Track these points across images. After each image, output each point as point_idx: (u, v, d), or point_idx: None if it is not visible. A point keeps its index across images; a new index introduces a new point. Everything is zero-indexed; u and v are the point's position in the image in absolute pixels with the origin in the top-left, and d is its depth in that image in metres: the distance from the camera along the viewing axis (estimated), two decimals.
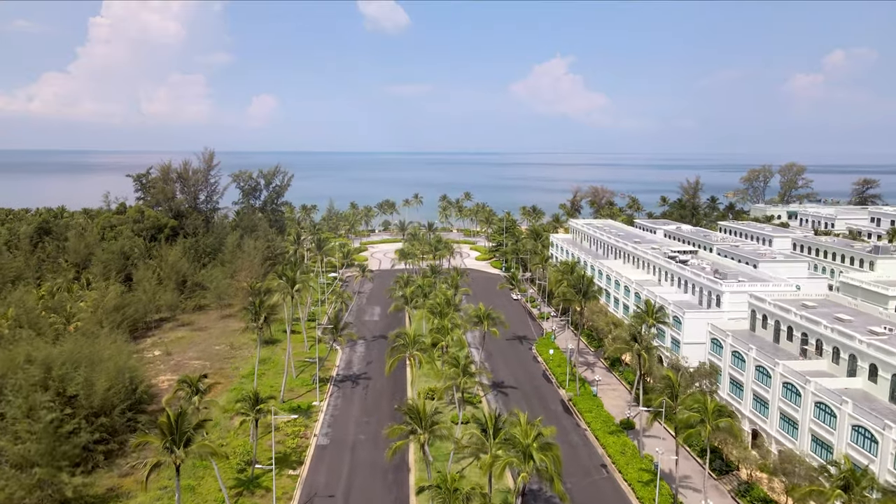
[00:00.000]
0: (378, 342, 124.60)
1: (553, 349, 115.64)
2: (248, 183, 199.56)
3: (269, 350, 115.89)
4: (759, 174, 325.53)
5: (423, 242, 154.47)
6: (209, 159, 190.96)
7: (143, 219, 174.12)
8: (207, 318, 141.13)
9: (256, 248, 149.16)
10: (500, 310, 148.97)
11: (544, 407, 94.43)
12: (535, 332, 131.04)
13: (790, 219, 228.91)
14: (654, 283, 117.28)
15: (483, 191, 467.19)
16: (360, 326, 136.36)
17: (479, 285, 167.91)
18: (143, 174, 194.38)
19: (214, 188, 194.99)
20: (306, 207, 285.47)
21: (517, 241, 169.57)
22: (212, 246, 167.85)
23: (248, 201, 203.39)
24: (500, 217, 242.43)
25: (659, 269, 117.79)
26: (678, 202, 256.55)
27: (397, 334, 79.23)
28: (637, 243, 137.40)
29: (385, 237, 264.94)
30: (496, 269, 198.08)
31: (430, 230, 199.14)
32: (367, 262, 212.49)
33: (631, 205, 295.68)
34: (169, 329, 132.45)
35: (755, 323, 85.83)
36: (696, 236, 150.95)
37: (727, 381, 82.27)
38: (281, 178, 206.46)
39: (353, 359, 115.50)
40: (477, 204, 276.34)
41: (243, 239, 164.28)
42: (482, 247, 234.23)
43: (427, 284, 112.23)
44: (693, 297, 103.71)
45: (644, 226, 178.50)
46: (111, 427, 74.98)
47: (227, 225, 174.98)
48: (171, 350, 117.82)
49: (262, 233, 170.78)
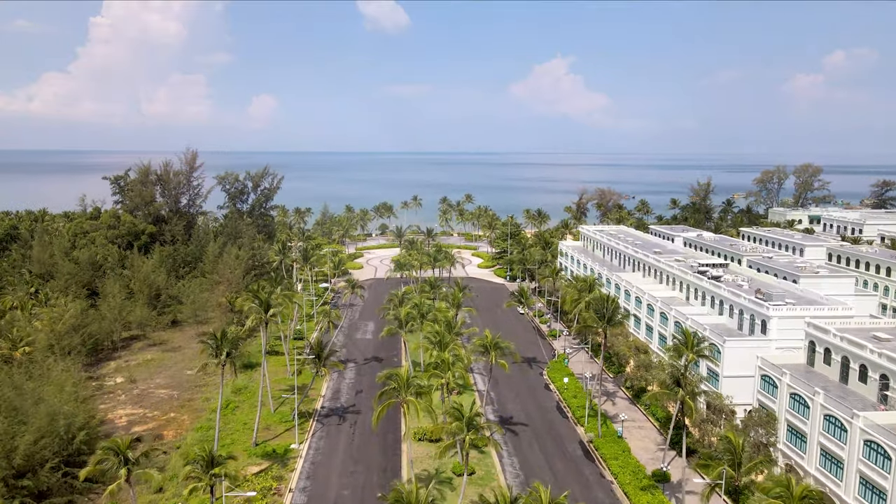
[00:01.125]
0: (370, 366, 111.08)
1: (568, 376, 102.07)
2: (234, 185, 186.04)
3: (246, 377, 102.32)
4: (773, 175, 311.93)
5: (422, 253, 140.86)
6: (191, 160, 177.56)
7: (118, 225, 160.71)
8: (182, 335, 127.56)
9: (238, 258, 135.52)
10: (506, 325, 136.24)
11: (561, 450, 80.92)
12: (545, 354, 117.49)
13: (812, 223, 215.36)
14: (681, 302, 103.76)
15: (484, 192, 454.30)
16: (350, 347, 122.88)
17: (482, 297, 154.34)
18: (120, 176, 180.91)
19: (198, 191, 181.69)
20: (300, 211, 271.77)
21: (523, 249, 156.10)
22: (192, 255, 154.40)
23: (234, 205, 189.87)
24: (503, 221, 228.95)
25: (687, 286, 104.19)
26: (692, 206, 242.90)
27: (388, 375, 65.77)
28: (658, 254, 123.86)
29: (382, 242, 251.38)
30: (500, 277, 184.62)
31: (429, 236, 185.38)
32: (363, 268, 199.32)
33: (640, 208, 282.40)
34: (138, 349, 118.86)
35: (814, 357, 72.24)
36: (721, 245, 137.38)
37: (784, 429, 68.67)
38: (270, 180, 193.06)
39: (341, 387, 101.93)
40: (479, 207, 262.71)
41: (226, 247, 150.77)
42: (485, 253, 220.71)
43: (424, 304, 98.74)
44: (731, 320, 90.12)
45: (660, 232, 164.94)
46: (38, 490, 61.34)
47: (209, 231, 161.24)
48: (135, 376, 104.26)
49: (247, 240, 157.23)
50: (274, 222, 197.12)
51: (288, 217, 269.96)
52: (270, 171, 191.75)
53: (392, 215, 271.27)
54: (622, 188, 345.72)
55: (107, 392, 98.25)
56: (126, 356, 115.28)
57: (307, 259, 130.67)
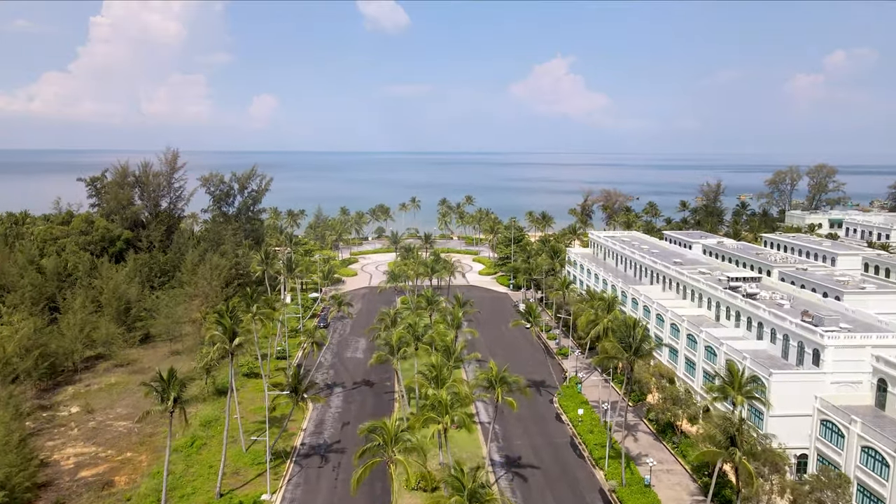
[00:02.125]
0: (360, 392, 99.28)
1: (582, 405, 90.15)
2: (219, 187, 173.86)
3: (218, 405, 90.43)
4: (786, 176, 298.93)
5: (418, 262, 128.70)
6: (172, 160, 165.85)
7: (91, 230, 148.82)
8: (154, 354, 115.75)
9: (217, 269, 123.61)
10: (511, 342, 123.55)
11: (578, 501, 69.06)
12: (555, 377, 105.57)
13: (832, 228, 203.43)
14: (710, 322, 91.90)
15: (484, 192, 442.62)
16: (339, 367, 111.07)
17: (484, 308, 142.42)
18: (96, 177, 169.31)
19: (179, 193, 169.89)
20: (293, 213, 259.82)
21: (529, 256, 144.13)
22: (170, 263, 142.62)
23: (219, 208, 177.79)
24: (505, 224, 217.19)
25: (717, 304, 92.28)
26: (704, 208, 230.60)
27: (370, 429, 53.94)
28: (679, 265, 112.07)
29: (378, 246, 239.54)
30: (503, 285, 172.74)
31: (427, 242, 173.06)
32: (356, 276, 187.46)
33: (648, 210, 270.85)
34: (102, 371, 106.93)
35: (885, 398, 60.35)
36: (746, 254, 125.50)
37: (855, 490, 56.70)
38: (258, 181, 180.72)
39: (325, 417, 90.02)
40: (479, 210, 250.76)
41: (207, 255, 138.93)
42: (486, 258, 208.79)
43: (420, 324, 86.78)
44: (773, 346, 78.29)
45: (676, 239, 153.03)
46: None
47: (189, 237, 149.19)
48: (94, 405, 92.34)
49: (229, 247, 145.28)
50: (262, 227, 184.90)
51: (280, 219, 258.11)
52: (258, 172, 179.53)
53: (389, 218, 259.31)
54: (623, 188, 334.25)
55: (58, 425, 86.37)
56: (88, 379, 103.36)
57: (291, 270, 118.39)
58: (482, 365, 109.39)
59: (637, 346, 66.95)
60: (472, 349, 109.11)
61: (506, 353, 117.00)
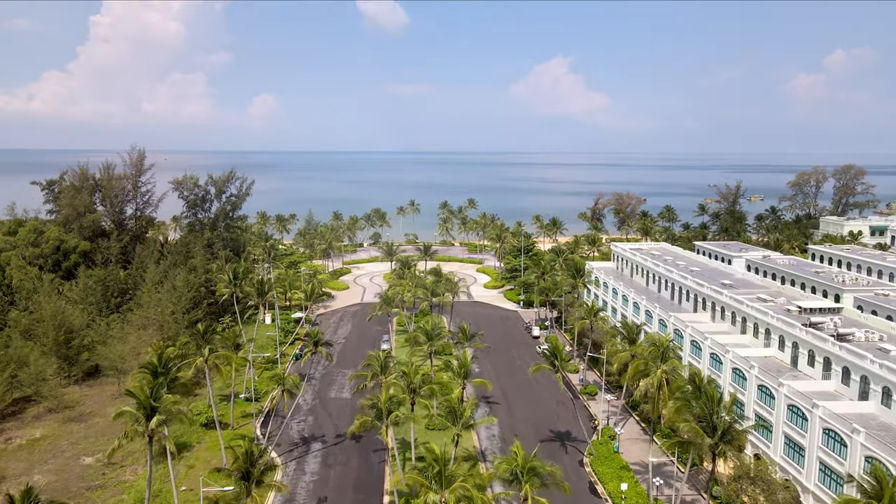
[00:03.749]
0: (344, 449, 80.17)
1: (621, 472, 71.08)
2: (193, 192, 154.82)
3: (165, 470, 71.38)
4: (811, 178, 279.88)
5: (417, 285, 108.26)
6: (138, 161, 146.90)
7: (40, 241, 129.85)
8: (101, 393, 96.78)
9: (176, 290, 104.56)
10: (525, 376, 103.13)
11: None
12: (583, 425, 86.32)
13: (873, 235, 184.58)
14: (786, 368, 72.73)
15: (486, 193, 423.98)
16: (320, 412, 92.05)
17: (491, 330, 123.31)
18: (54, 180, 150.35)
19: (147, 199, 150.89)
20: (282, 218, 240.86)
21: (543, 272, 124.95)
22: (132, 280, 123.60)
23: (194, 215, 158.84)
24: (512, 231, 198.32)
25: (794, 344, 73.07)
26: (730, 213, 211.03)
27: None
28: (730, 287, 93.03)
29: (374, 254, 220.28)
30: (511, 301, 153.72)
31: (427, 254, 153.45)
32: (349, 289, 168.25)
33: (664, 214, 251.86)
34: (30, 419, 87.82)
35: None
36: (802, 273, 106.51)
37: None
38: (238, 185, 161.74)
39: (297, 489, 70.85)
40: (483, 215, 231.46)
41: (172, 271, 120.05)
42: (491, 269, 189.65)
43: (417, 373, 67.64)
44: (889, 411, 59.13)
45: (711, 251, 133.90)
46: None
47: (153, 250, 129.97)
48: (6, 471, 73.34)
49: (199, 262, 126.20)
50: (243, 235, 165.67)
51: (269, 224, 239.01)
52: (238, 175, 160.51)
53: (385, 224, 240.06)
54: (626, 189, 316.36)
55: None
56: (10, 431, 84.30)
57: (263, 294, 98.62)
58: (491, 408, 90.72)
59: (726, 430, 47.79)
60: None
61: (520, 392, 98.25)
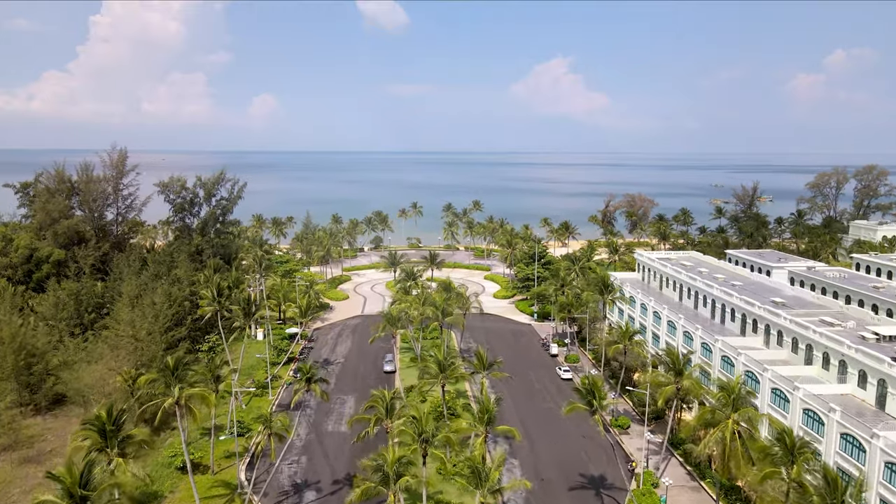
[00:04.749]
0: (341, 499, 68.38)
1: None
2: (180, 195, 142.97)
3: None
4: (831, 178, 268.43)
5: (425, 303, 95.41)
6: (119, 162, 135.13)
7: (9, 250, 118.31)
8: (66, 426, 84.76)
9: (155, 307, 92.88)
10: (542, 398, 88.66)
11: None
12: (620, 466, 74.69)
13: None
14: (870, 410, 61.02)
15: (487, 194, 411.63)
16: (313, 450, 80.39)
17: (503, 346, 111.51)
18: (29, 183, 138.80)
19: (130, 203, 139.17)
20: (279, 221, 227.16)
21: (562, 284, 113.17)
22: (109, 294, 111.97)
23: (182, 220, 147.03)
24: (520, 235, 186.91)
25: (881, 382, 61.27)
26: (754, 217, 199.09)
27: None
28: (784, 306, 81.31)
29: (375, 259, 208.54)
30: (524, 314, 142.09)
31: (433, 264, 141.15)
32: (348, 299, 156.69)
33: (679, 217, 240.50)
34: None
35: None
36: (857, 287, 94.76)
37: None
38: (229, 187, 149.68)
39: None
40: (491, 219, 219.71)
41: (151, 284, 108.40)
42: (500, 276, 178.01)
43: (429, 416, 55.97)
44: None
45: (745, 261, 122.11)
46: None
47: (133, 260, 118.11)
48: None
49: (183, 273, 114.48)
50: (235, 242, 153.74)
51: (265, 228, 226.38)
52: (229, 177, 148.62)
53: (388, 228, 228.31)
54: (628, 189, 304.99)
55: None
56: None
57: (250, 314, 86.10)
58: (511, 444, 79.04)
59: None
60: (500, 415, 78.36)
61: (542, 424, 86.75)
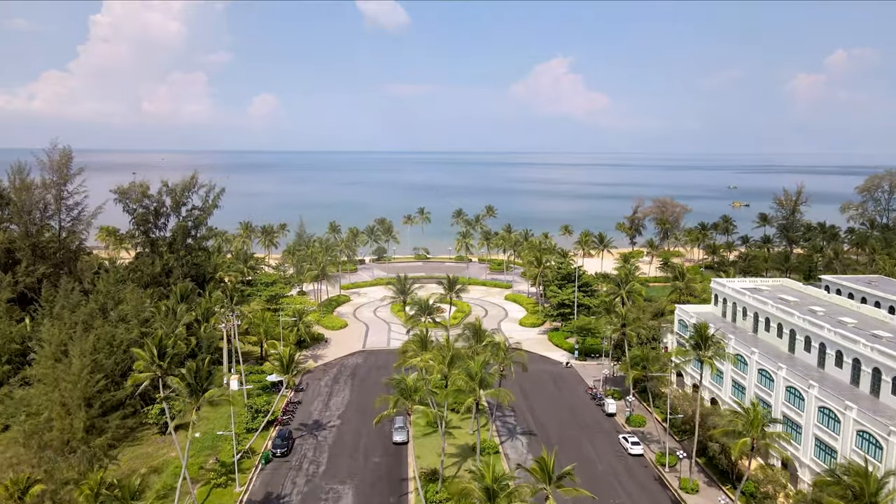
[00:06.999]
0: None
1: None
2: (140, 203, 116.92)
3: None
4: (882, 181, 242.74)
5: (454, 364, 67.50)
6: (63, 164, 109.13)
7: None
8: None
9: (81, 357, 66.88)
10: (609, 485, 65.03)
11: None
12: None
13: None
14: None
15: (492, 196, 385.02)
16: None
17: (543, 404, 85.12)
18: None
19: (77, 214, 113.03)
20: (269, 230, 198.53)
21: (623, 323, 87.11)
22: (37, 336, 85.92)
23: (145, 234, 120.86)
24: (546, 247, 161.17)
25: None
26: (819, 228, 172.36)
27: None
28: None
29: (378, 274, 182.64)
30: (561, 349, 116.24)
31: (451, 290, 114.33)
32: (347, 327, 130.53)
33: (720, 225, 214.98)
34: None
35: None
36: None
37: None
38: (203, 194, 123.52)
39: None
40: (508, 227, 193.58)
41: (99, 317, 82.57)
42: (524, 296, 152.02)
43: None
44: None
45: (849, 289, 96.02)
46: None
47: (70, 289, 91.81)
48: None
49: (132, 309, 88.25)
50: (210, 260, 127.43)
51: (255, 237, 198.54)
52: (202, 183, 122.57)
53: (393, 238, 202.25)
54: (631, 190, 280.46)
55: None
56: None
57: (196, 392, 58.89)
58: None
59: None
60: None
61: None
